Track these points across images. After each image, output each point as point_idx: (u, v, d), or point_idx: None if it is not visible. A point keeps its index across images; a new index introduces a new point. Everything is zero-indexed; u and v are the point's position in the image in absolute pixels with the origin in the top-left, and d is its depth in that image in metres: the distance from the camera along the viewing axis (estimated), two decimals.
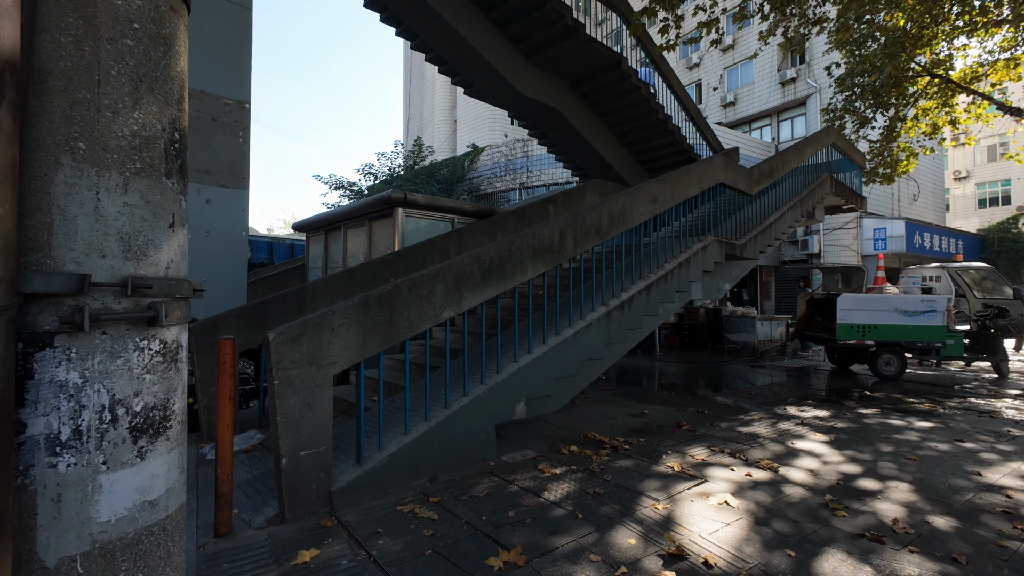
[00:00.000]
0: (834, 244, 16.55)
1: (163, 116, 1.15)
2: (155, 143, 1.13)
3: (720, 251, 6.48)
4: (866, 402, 6.14)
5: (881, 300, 7.88)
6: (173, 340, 1.17)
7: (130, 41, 1.08)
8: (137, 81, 1.09)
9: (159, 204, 1.14)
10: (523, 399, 4.03)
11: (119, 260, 1.06)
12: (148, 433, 1.10)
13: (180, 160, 1.22)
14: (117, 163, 1.06)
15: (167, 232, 1.15)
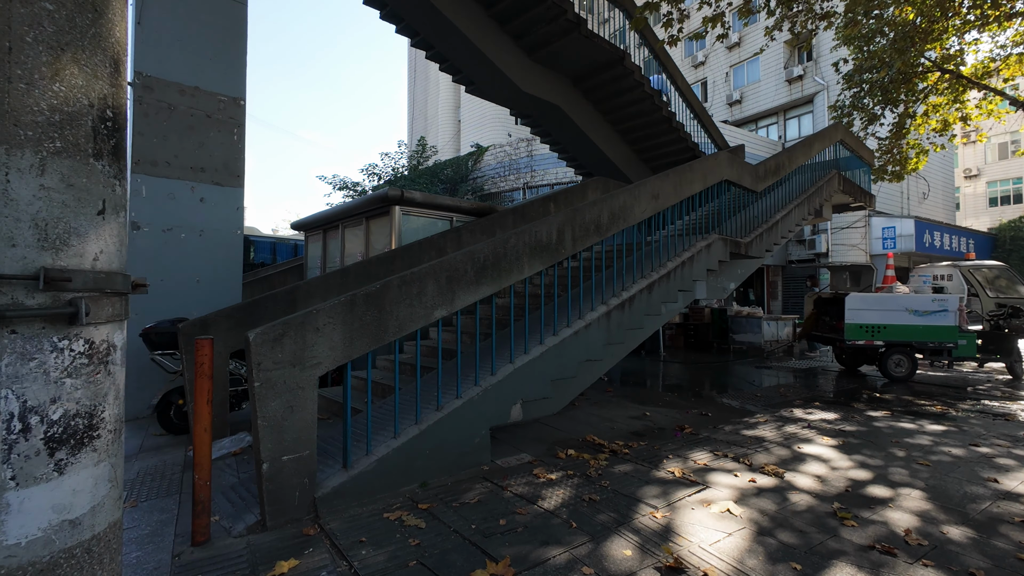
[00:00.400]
0: (842, 243, 16.30)
1: (91, 91, 1.03)
2: (80, 120, 1.01)
3: (725, 249, 6.32)
4: (876, 404, 5.97)
5: (891, 299, 7.68)
6: (103, 340, 1.06)
7: (49, 5, 0.96)
8: (58, 50, 0.98)
9: (85, 188, 1.02)
10: (519, 401, 3.91)
11: (33, 250, 0.94)
12: (68, 444, 0.98)
13: (114, 140, 1.10)
14: (32, 141, 0.94)
15: (95, 220, 1.04)
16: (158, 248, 5.39)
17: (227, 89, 5.88)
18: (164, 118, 5.44)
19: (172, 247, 5.48)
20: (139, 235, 5.27)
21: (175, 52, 5.52)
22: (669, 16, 7.36)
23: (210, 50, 5.77)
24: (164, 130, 5.44)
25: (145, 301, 5.17)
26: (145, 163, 5.31)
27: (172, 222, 5.49)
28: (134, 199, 5.29)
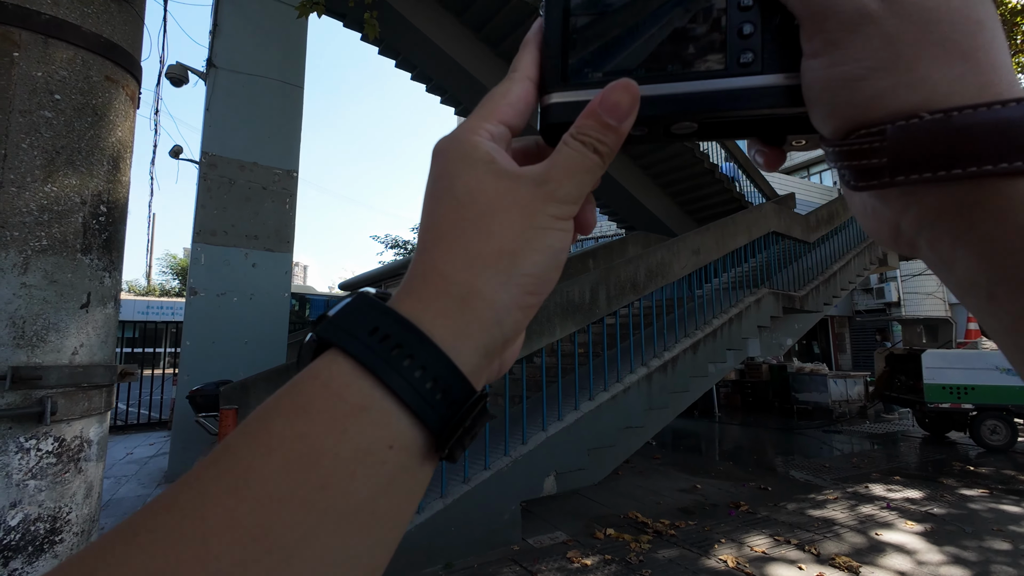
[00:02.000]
0: (915, 292, 15.07)
1: (84, 189, 1.07)
2: (70, 217, 1.04)
3: (777, 304, 5.94)
4: (969, 480, 5.20)
5: (976, 357, 6.89)
6: (75, 437, 1.03)
7: (48, 112, 1.02)
8: (53, 153, 1.02)
9: (69, 283, 1.03)
10: (552, 473, 3.67)
11: (7, 348, 0.94)
12: (25, 552, 0.94)
13: (106, 234, 1.12)
14: (18, 240, 0.97)
15: (77, 314, 1.04)
16: (212, 312, 5.68)
17: (282, 163, 6.35)
18: (224, 192, 5.90)
19: (224, 310, 5.77)
20: (195, 300, 5.60)
21: (238, 132, 6.05)
22: None
23: (268, 129, 6.29)
24: (224, 202, 5.88)
25: (196, 364, 5.41)
26: (205, 233, 5.72)
27: (226, 287, 5.81)
28: (193, 267, 5.67)
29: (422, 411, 0.21)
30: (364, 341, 0.21)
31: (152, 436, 7.10)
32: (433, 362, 0.22)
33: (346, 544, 0.19)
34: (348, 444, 0.20)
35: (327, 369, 0.21)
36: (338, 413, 0.20)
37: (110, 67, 1.14)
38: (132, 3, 1.23)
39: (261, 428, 0.20)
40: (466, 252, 0.24)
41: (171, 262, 31.65)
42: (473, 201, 0.25)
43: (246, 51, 6.10)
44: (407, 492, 0.22)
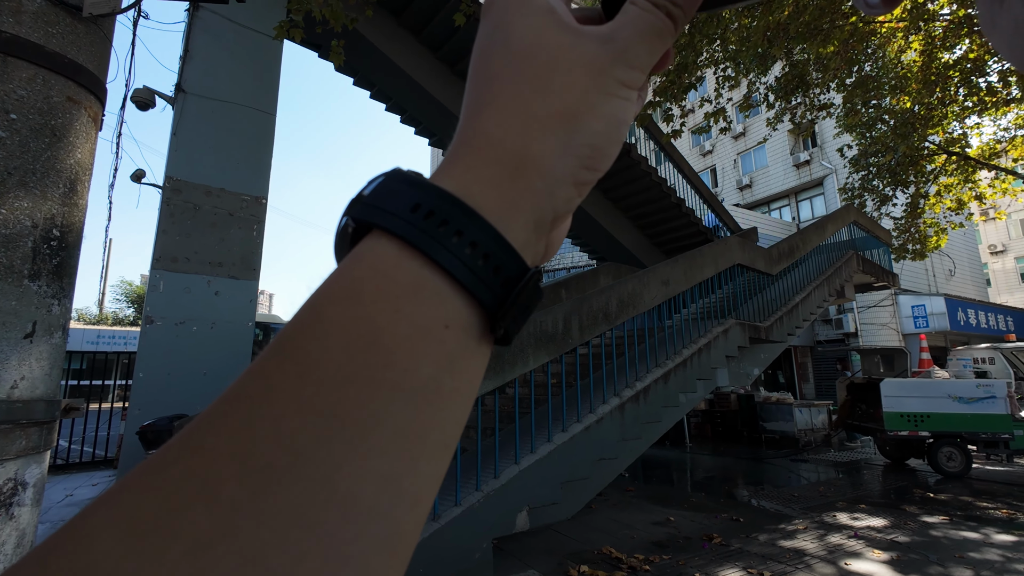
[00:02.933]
0: (871, 322, 15.73)
1: (37, 212, 1.01)
2: (19, 242, 0.98)
3: (743, 335, 6.08)
4: (930, 507, 5.33)
5: (931, 385, 7.17)
6: (8, 480, 0.94)
7: (2, 132, 0.97)
8: (5, 174, 0.97)
9: (12, 311, 0.96)
10: (525, 508, 3.58)
11: None
12: None
13: (57, 260, 1.06)
14: None
15: (20, 344, 0.97)
16: (169, 342, 5.43)
17: (251, 190, 6.24)
18: (188, 217, 5.73)
19: (183, 340, 5.52)
20: (151, 329, 5.34)
21: (205, 158, 5.94)
22: (670, 113, 7.74)
23: (237, 155, 6.19)
24: (188, 228, 5.70)
25: (149, 397, 5.13)
26: (166, 259, 5.52)
27: (185, 315, 5.58)
28: (151, 294, 5.44)
29: (475, 288, 0.20)
30: (406, 219, 0.20)
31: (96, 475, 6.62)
32: (483, 237, 0.20)
33: (417, 421, 0.18)
34: (405, 323, 0.19)
35: (371, 252, 0.20)
36: (391, 294, 0.19)
37: (73, 88, 1.10)
38: (100, 25, 1.20)
39: (313, 316, 0.19)
40: (521, 113, 0.22)
41: (126, 289, 30.29)
42: (532, 55, 0.23)
43: (217, 77, 6.05)
44: (467, 373, 0.20)
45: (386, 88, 7.35)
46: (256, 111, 6.40)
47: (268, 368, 0.18)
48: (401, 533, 0.18)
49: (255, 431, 0.16)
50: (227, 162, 6.08)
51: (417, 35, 6.83)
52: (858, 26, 7.86)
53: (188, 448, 0.16)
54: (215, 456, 0.16)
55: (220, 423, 0.17)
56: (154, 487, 0.15)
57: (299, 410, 0.17)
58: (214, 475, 0.15)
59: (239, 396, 0.17)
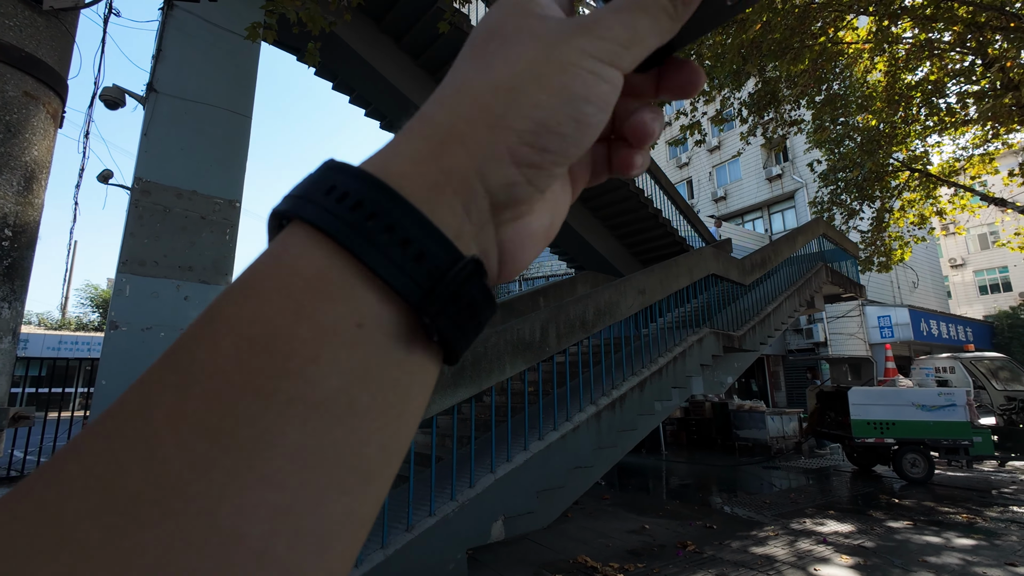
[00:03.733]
0: (839, 332, 16.20)
1: None
2: None
3: (717, 343, 6.19)
4: (895, 512, 5.48)
5: (895, 394, 7.40)
6: None
7: None
8: None
9: None
10: (501, 517, 3.55)
11: None
12: None
13: (9, 261, 1.01)
14: None
15: None
16: (134, 348, 5.25)
17: (224, 193, 6.11)
18: (158, 220, 5.58)
19: (149, 346, 5.34)
20: (115, 334, 5.16)
21: (176, 160, 5.80)
22: None
23: (211, 157, 6.07)
24: (157, 231, 5.55)
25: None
26: (132, 263, 5.35)
27: (152, 321, 5.40)
28: (116, 298, 5.26)
29: (392, 277, 0.17)
30: (319, 203, 0.17)
31: None
32: (401, 218, 0.17)
33: (322, 443, 0.15)
34: (307, 324, 0.16)
35: (281, 243, 0.18)
36: (293, 289, 0.16)
37: (31, 82, 1.06)
38: (62, 19, 1.16)
39: (208, 317, 0.16)
40: (457, 88, 0.20)
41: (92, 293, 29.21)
42: (489, 37, 0.21)
43: (191, 77, 5.93)
44: (393, 385, 0.17)
45: (365, 93, 7.31)
46: (231, 113, 6.28)
47: (150, 378, 0.15)
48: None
49: (122, 455, 0.14)
50: (200, 164, 5.94)
51: (398, 41, 6.82)
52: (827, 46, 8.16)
53: (45, 477, 0.14)
54: (73, 487, 0.13)
55: (86, 445, 0.14)
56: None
57: (176, 430, 0.14)
58: (69, 511, 0.13)
59: (113, 413, 0.15)
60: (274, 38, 4.25)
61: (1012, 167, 9.60)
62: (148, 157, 5.61)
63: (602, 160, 0.26)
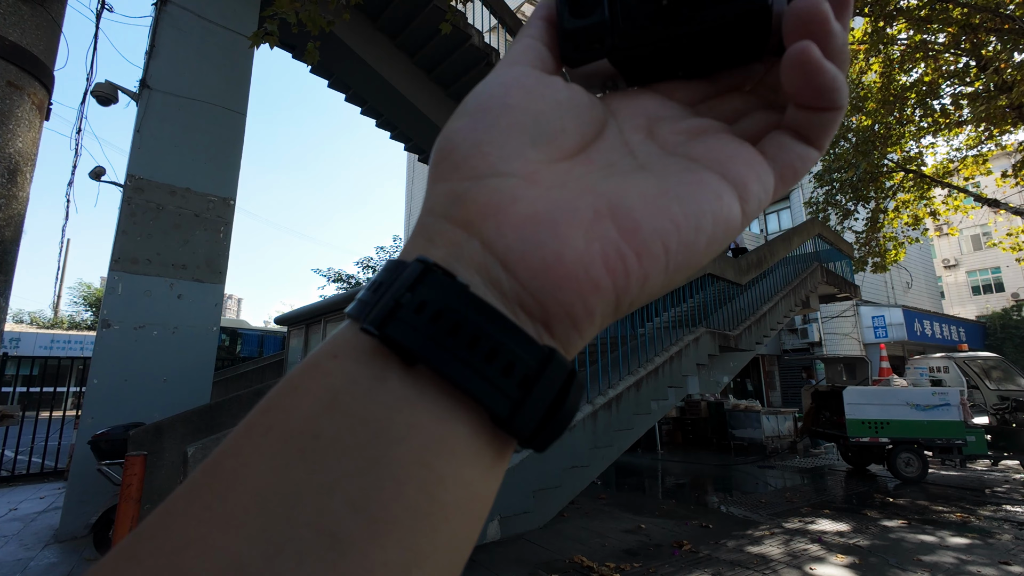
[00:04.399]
0: (834, 332, 16.27)
1: None
2: None
3: (713, 343, 6.19)
4: (889, 511, 5.50)
5: (890, 393, 7.43)
6: None
7: None
8: None
9: None
10: (497, 517, 3.54)
11: None
12: None
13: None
14: None
15: None
16: (126, 347, 5.19)
17: (218, 190, 6.05)
18: (151, 217, 5.52)
19: (142, 345, 5.29)
20: (108, 333, 5.10)
21: (170, 157, 5.74)
22: None
23: (205, 155, 6.01)
24: (149, 229, 5.49)
25: (104, 404, 4.88)
26: (125, 260, 5.29)
27: (145, 319, 5.35)
28: (109, 297, 5.20)
29: (356, 312, 0.17)
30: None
31: (44, 488, 6.27)
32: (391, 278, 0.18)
33: (286, 480, 0.14)
34: (301, 364, 0.17)
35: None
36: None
37: (14, 72, 1.03)
38: (48, 8, 1.14)
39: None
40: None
41: (85, 292, 28.97)
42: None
43: (185, 74, 5.87)
44: (363, 416, 0.15)
45: (362, 92, 7.28)
46: (225, 110, 6.23)
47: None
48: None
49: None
50: (193, 161, 5.89)
51: (394, 39, 6.79)
52: None
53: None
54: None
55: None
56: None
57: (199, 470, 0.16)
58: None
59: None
60: (276, 43, 4.21)
61: (1005, 168, 9.66)
62: (141, 154, 5.55)
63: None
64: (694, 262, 0.20)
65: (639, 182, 0.20)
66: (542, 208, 0.18)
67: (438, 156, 0.20)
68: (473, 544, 0.17)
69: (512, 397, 0.16)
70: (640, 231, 0.18)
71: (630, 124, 0.23)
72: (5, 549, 4.10)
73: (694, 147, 0.21)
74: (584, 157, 0.21)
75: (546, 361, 0.17)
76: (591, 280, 0.18)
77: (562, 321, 0.18)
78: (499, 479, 0.18)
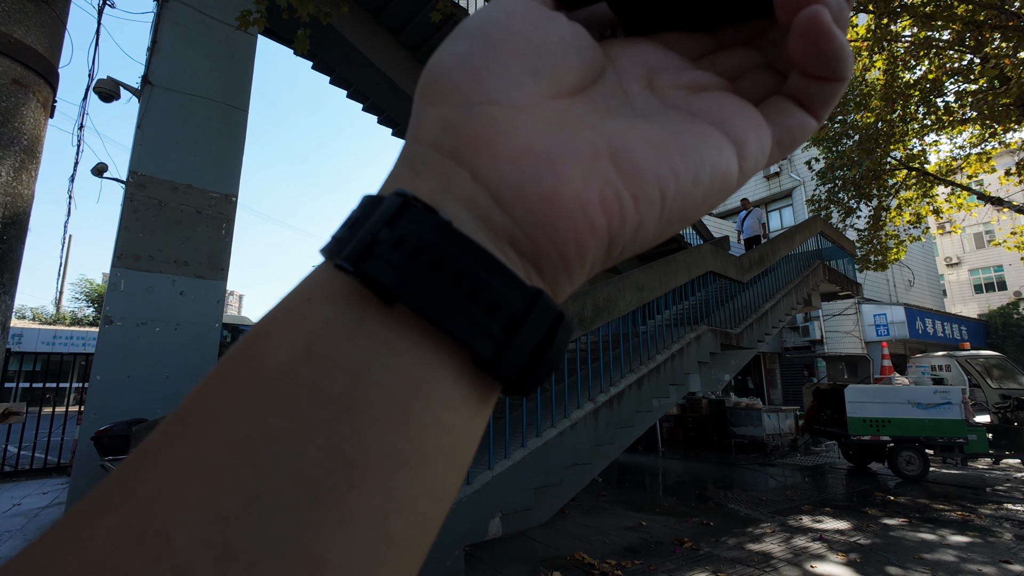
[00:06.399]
0: (836, 330, 16.26)
1: None
2: None
3: (715, 341, 6.19)
4: (890, 509, 5.50)
5: (892, 392, 7.43)
6: None
7: None
8: None
9: None
10: (498, 514, 3.54)
11: None
12: None
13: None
14: None
15: None
16: (128, 343, 5.20)
17: (220, 187, 6.05)
18: (153, 214, 5.52)
19: (144, 341, 5.30)
20: (110, 329, 5.12)
21: (172, 153, 5.74)
22: None
23: (206, 151, 6.00)
24: (151, 225, 5.49)
25: (107, 400, 4.90)
26: (127, 257, 5.30)
27: (147, 316, 5.36)
28: (111, 293, 5.21)
29: (331, 250, 0.17)
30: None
31: (47, 483, 6.30)
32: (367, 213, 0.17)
33: (258, 427, 0.14)
34: (275, 307, 0.17)
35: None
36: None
37: (19, 69, 1.03)
38: (52, 4, 1.13)
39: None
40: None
41: (87, 288, 29.02)
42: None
43: (186, 70, 5.86)
44: (343, 363, 0.15)
45: (364, 88, 7.26)
46: (227, 106, 6.22)
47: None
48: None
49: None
50: (195, 158, 5.88)
51: (396, 35, 6.76)
52: None
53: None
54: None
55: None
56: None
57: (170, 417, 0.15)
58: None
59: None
60: (264, 26, 4.18)
61: (1009, 166, 9.63)
62: (143, 150, 5.55)
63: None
64: (688, 214, 0.20)
65: (641, 126, 0.19)
66: (540, 141, 0.18)
67: (428, 79, 0.19)
68: (456, 490, 0.17)
69: (496, 339, 0.16)
70: (640, 174, 0.18)
71: (629, 73, 0.22)
72: (9, 544, 4.13)
73: (695, 102, 0.21)
74: (583, 98, 0.20)
75: (533, 302, 0.16)
76: (588, 220, 0.17)
77: (553, 262, 0.18)
78: (483, 425, 0.17)
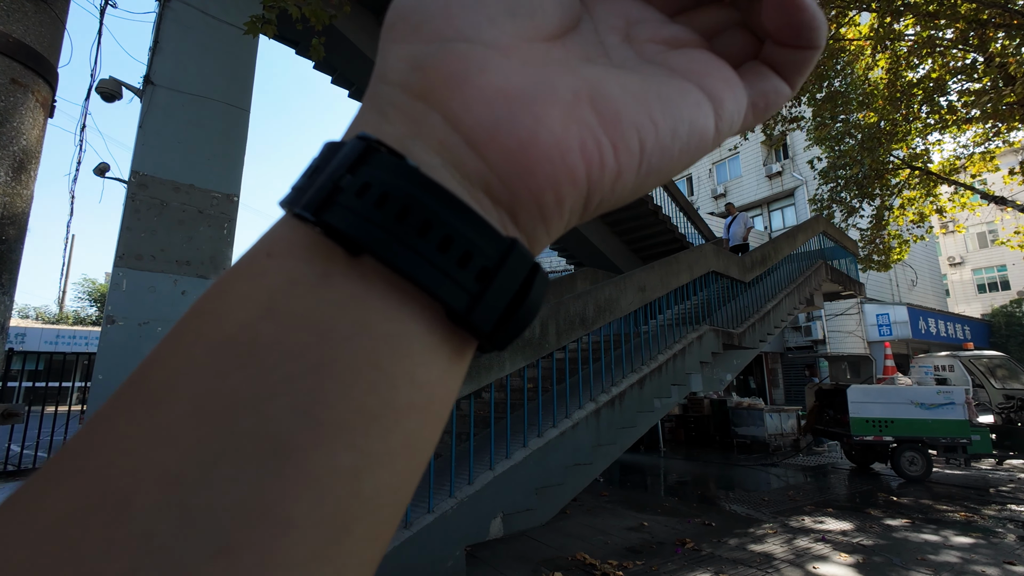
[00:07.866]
0: (838, 330, 16.21)
1: None
2: None
3: (717, 340, 6.17)
4: (893, 510, 5.48)
5: (895, 392, 7.40)
6: None
7: None
8: None
9: None
10: (499, 514, 3.54)
11: None
12: None
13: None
14: None
15: None
16: (131, 342, 5.22)
17: (222, 186, 6.06)
18: (155, 214, 5.53)
19: (146, 341, 5.31)
20: (112, 329, 5.13)
21: (174, 153, 5.75)
22: None
23: (208, 151, 6.02)
24: (153, 225, 5.50)
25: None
26: (129, 257, 5.31)
27: (149, 315, 5.37)
28: (113, 293, 5.22)
29: (290, 201, 0.16)
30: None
31: None
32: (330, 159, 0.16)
33: (223, 379, 0.13)
34: (233, 265, 0.16)
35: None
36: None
37: (18, 69, 1.03)
38: (52, 5, 1.13)
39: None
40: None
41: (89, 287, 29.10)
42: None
43: (188, 70, 5.87)
44: (305, 317, 0.14)
45: (364, 86, 7.24)
46: (229, 106, 6.23)
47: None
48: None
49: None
50: (197, 158, 5.89)
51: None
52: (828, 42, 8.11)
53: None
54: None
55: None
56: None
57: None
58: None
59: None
60: (274, 33, 4.19)
61: (1012, 165, 9.59)
62: (145, 150, 5.56)
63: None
64: (665, 169, 0.19)
65: (620, 76, 0.19)
66: (517, 82, 0.17)
67: (395, 16, 0.18)
68: (434, 446, 0.16)
69: (469, 290, 0.15)
70: (620, 122, 0.17)
71: (606, 23, 0.21)
72: None
73: (673, 57, 0.21)
74: (561, 44, 0.20)
75: (507, 252, 0.16)
76: (567, 167, 0.16)
77: (530, 211, 0.17)
78: (458, 380, 0.17)
